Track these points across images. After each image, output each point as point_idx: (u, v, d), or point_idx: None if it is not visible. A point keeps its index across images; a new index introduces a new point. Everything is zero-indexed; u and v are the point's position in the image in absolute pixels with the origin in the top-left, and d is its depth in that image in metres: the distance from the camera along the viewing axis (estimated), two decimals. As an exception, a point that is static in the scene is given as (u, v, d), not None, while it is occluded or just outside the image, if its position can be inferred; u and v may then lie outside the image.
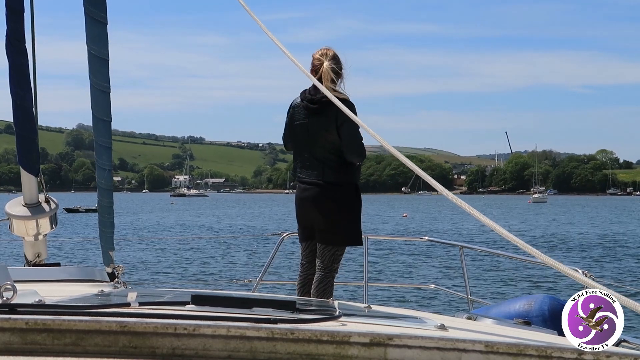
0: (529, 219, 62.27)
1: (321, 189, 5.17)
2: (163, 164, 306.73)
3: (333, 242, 5.20)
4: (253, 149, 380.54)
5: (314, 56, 5.28)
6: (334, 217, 5.16)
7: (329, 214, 5.17)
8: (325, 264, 5.20)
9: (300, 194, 5.30)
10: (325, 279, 5.20)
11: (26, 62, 3.84)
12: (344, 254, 5.33)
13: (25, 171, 3.96)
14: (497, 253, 7.80)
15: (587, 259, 26.95)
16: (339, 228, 5.19)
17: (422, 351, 1.78)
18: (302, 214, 5.30)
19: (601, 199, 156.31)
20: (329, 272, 5.20)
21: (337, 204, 5.16)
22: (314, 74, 5.19)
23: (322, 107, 5.14)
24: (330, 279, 5.22)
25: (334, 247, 5.20)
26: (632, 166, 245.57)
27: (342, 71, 5.27)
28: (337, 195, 5.15)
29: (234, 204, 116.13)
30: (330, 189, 5.15)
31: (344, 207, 5.19)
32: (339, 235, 5.20)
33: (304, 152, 5.29)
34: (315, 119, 5.15)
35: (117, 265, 4.15)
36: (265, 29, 3.12)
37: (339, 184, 5.14)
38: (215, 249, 29.19)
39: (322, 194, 5.16)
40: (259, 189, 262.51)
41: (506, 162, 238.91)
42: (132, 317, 1.78)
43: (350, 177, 5.17)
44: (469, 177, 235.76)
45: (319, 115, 5.15)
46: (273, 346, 1.76)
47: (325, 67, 5.15)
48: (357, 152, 5.14)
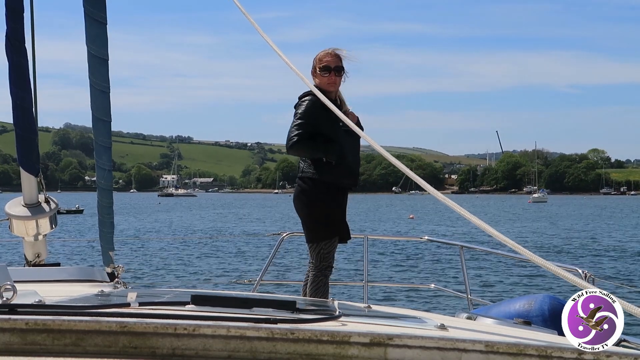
0: (536, 220, 62.07)
1: (297, 187, 5.25)
2: (151, 163, 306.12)
3: (309, 239, 5.20)
4: (241, 149, 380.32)
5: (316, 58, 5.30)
6: (305, 214, 5.20)
7: (300, 210, 5.22)
8: (314, 262, 5.19)
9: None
10: (317, 278, 5.16)
11: (26, 62, 3.83)
12: (333, 251, 5.25)
13: (25, 171, 3.96)
14: (497, 253, 7.80)
15: (617, 262, 26.88)
16: (310, 224, 5.19)
17: (422, 351, 1.78)
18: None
19: (596, 199, 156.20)
20: (319, 270, 5.16)
21: (307, 200, 5.17)
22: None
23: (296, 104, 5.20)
24: (321, 277, 5.16)
25: (314, 244, 5.18)
26: (623, 165, 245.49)
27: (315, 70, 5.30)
28: (306, 191, 5.17)
29: (239, 204, 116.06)
30: (302, 186, 5.20)
31: (313, 203, 5.17)
32: (311, 232, 5.19)
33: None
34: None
35: (117, 265, 4.15)
36: (258, 28, 3.12)
37: (309, 180, 5.15)
38: (215, 249, 29.18)
39: (297, 192, 5.24)
40: (247, 189, 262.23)
41: (497, 162, 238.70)
42: (132, 317, 1.78)
43: (319, 173, 5.12)
44: (460, 176, 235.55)
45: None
46: (273, 346, 1.75)
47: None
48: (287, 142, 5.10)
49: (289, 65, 3.04)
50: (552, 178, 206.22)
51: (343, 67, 5.20)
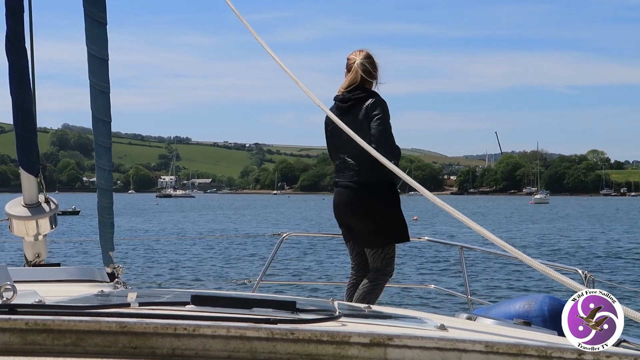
0: (550, 221, 61.85)
1: (356, 192, 5.06)
2: (149, 164, 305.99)
3: (377, 244, 5.11)
4: (240, 149, 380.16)
5: (349, 57, 5.26)
6: (377, 218, 5.07)
7: (370, 215, 5.07)
8: (377, 267, 5.13)
9: (336, 197, 5.19)
10: (379, 283, 5.13)
11: (26, 62, 3.84)
12: (395, 254, 5.24)
13: (25, 171, 3.96)
14: (497, 253, 7.81)
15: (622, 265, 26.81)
16: (382, 228, 5.11)
17: (422, 351, 1.78)
18: (340, 216, 5.20)
19: (597, 200, 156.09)
20: (384, 275, 5.13)
21: (373, 204, 5.06)
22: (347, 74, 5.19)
23: (353, 105, 5.10)
24: (381, 282, 5.15)
25: (379, 249, 5.13)
26: (623, 166, 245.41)
27: (376, 72, 5.23)
28: (372, 195, 5.04)
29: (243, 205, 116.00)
30: (364, 191, 5.04)
31: (387, 207, 5.11)
32: (380, 236, 5.13)
33: (340, 155, 5.19)
34: (345, 118, 4.96)
35: (117, 265, 4.15)
36: (251, 29, 3.12)
37: (374, 184, 5.02)
38: (215, 249, 29.18)
39: (358, 197, 5.06)
40: (246, 190, 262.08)
41: (497, 163, 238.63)
42: (132, 318, 1.78)
43: (384, 176, 4.98)
44: (459, 177, 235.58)
45: (349, 114, 5.05)
46: (273, 346, 1.76)
47: (358, 63, 5.13)
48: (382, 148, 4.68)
49: (283, 67, 3.04)
50: (552, 179, 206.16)
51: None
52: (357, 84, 5.11)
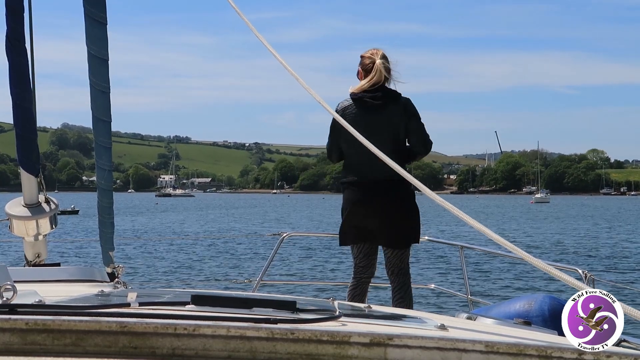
0: (554, 221, 61.83)
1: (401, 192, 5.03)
2: (149, 163, 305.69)
3: (408, 243, 5.14)
4: (239, 149, 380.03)
5: (364, 56, 5.23)
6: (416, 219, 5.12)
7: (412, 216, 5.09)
8: (403, 268, 5.15)
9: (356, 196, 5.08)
10: (408, 282, 5.17)
11: (26, 62, 3.84)
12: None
13: (25, 171, 3.96)
14: (497, 253, 7.81)
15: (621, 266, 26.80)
16: (417, 228, 5.14)
17: (422, 351, 1.78)
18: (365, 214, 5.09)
19: (597, 199, 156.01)
20: (408, 275, 5.17)
21: (412, 201, 5.09)
22: (363, 74, 5.16)
23: (387, 102, 5.09)
24: (410, 282, 5.21)
25: (407, 249, 5.15)
26: (623, 166, 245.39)
27: (391, 72, 5.24)
28: (410, 192, 5.07)
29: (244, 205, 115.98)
30: (408, 191, 5.05)
31: (415, 204, 5.11)
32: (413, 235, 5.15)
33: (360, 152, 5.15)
34: (377, 116, 5.01)
35: (117, 265, 4.14)
36: (252, 27, 3.12)
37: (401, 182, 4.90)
38: (215, 249, 29.17)
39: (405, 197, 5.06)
40: (245, 189, 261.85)
41: (497, 162, 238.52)
42: (132, 317, 1.78)
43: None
44: (459, 176, 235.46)
45: (382, 111, 5.05)
46: (273, 346, 1.76)
47: (379, 62, 5.13)
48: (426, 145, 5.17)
49: (284, 65, 3.04)
50: (552, 178, 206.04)
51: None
52: (381, 84, 5.13)
